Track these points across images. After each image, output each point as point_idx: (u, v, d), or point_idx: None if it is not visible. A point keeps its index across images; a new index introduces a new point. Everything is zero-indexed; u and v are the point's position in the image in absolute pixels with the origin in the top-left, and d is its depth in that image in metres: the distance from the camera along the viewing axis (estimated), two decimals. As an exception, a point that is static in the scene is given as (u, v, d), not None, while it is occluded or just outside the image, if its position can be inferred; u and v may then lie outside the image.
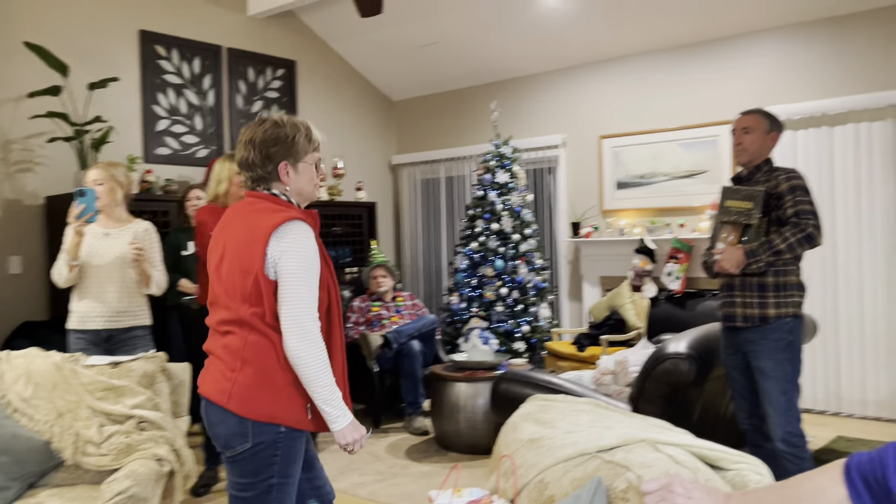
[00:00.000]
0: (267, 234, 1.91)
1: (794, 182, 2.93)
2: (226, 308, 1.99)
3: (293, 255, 1.91)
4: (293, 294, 1.90)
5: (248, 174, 2.03)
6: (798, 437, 2.96)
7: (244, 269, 1.94)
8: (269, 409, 1.91)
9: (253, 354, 1.93)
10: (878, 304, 4.89)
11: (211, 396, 1.96)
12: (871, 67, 4.93)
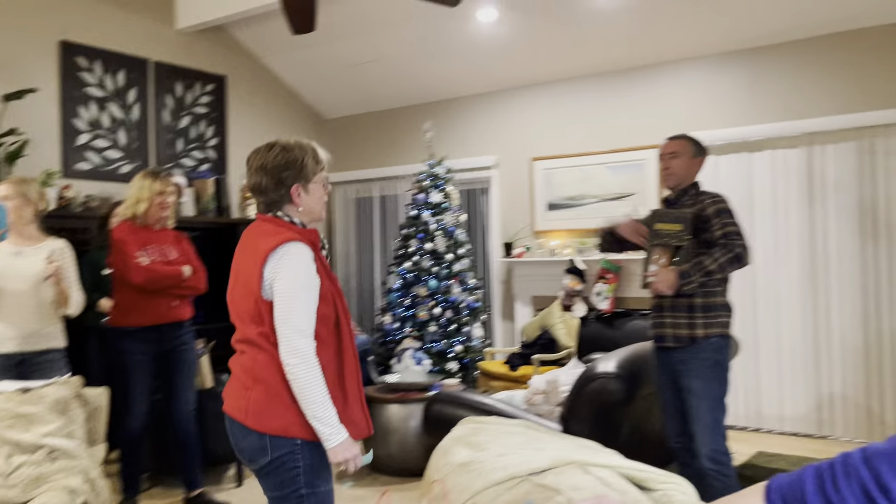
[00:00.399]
0: (264, 256, 1.98)
1: (721, 206, 3.03)
2: (238, 329, 2.10)
3: (285, 275, 1.97)
4: (284, 314, 1.96)
5: (261, 199, 2.10)
6: (724, 454, 3.03)
7: (248, 290, 2.02)
8: (281, 423, 1.98)
9: (262, 372, 2.01)
10: (794, 323, 5.09)
11: (231, 414, 2.05)
12: (787, 97, 5.17)
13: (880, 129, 4.80)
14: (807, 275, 5.05)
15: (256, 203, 2.13)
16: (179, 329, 3.72)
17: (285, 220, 2.08)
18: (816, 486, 0.91)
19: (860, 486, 0.87)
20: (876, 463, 0.87)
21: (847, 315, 4.91)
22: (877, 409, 4.82)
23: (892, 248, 4.75)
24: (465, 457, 1.84)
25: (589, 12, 5.29)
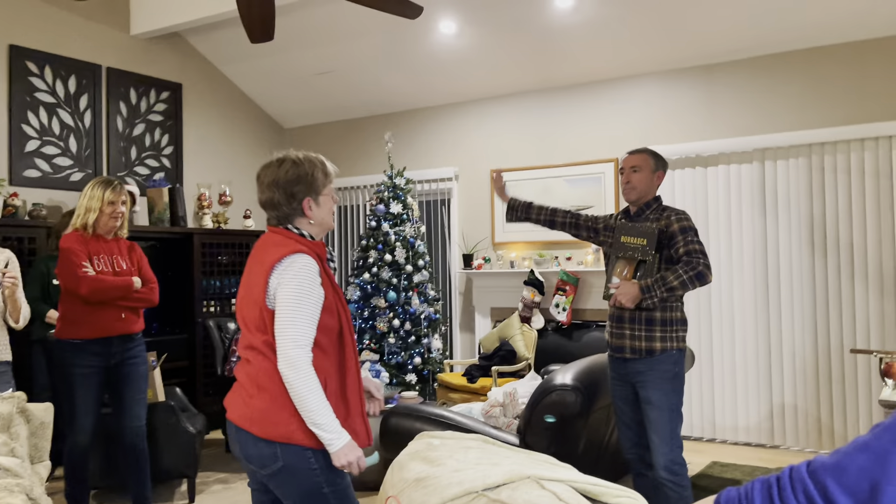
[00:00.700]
0: (269, 267, 2.04)
1: (685, 223, 3.08)
2: (244, 337, 2.14)
3: (288, 286, 2.01)
4: (282, 324, 2.00)
5: (274, 213, 2.15)
6: (680, 465, 3.06)
7: (253, 299, 2.08)
8: (286, 430, 2.00)
9: (266, 380, 2.05)
10: (747, 336, 5.19)
11: (237, 422, 2.07)
12: (740, 114, 5.29)
13: (829, 146, 4.93)
14: (759, 288, 5.16)
15: (268, 217, 2.18)
16: (129, 342, 3.62)
17: (295, 232, 2.14)
18: (764, 499, 0.92)
19: (807, 498, 0.88)
20: (821, 476, 0.88)
21: (797, 327, 5.02)
22: (826, 419, 4.93)
23: (841, 262, 4.88)
24: (421, 472, 1.82)
25: (548, 27, 5.35)
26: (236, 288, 6.29)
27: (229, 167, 6.90)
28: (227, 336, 5.43)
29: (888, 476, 0.82)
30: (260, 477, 2.09)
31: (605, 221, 3.38)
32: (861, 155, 4.84)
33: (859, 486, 0.84)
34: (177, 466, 4.13)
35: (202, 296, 6.00)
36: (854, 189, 4.85)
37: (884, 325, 4.74)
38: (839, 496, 0.86)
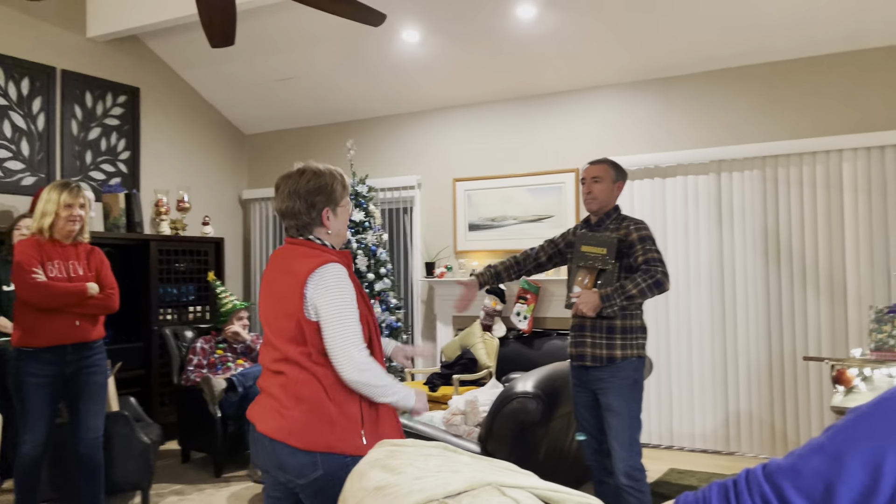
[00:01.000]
0: (304, 278, 2.07)
1: (644, 233, 3.13)
2: (276, 349, 2.15)
3: (330, 296, 2.07)
4: (337, 332, 2.06)
5: (293, 222, 2.20)
6: (639, 471, 3.10)
7: (287, 312, 2.10)
8: (327, 440, 2.05)
9: (303, 391, 2.08)
10: (704, 344, 5.27)
11: (272, 435, 2.08)
12: (697, 126, 5.39)
13: (783, 159, 5.06)
14: (716, 297, 5.25)
15: (286, 227, 2.23)
16: (86, 350, 3.53)
17: (317, 242, 2.19)
18: (721, 502, 0.93)
19: (763, 501, 0.90)
20: (777, 479, 0.89)
21: (752, 336, 5.12)
22: (779, 426, 5.03)
23: (794, 271, 5.00)
24: (381, 480, 1.80)
25: (511, 38, 5.39)
26: (194, 296, 6.19)
27: (188, 173, 6.80)
28: (185, 345, 5.33)
29: (842, 477, 0.84)
30: (293, 486, 2.10)
31: (565, 239, 3.42)
32: (813, 168, 4.97)
33: (814, 488, 0.86)
34: (130, 478, 4.03)
35: (159, 303, 5.88)
36: (806, 201, 4.98)
37: (834, 333, 4.86)
38: (795, 498, 0.87)
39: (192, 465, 5.05)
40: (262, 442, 2.12)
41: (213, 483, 4.64)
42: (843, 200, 4.88)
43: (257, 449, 2.15)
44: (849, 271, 4.84)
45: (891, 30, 4.67)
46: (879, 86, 4.82)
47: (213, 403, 4.73)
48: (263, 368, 2.23)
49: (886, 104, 4.80)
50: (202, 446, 4.93)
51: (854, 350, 3.26)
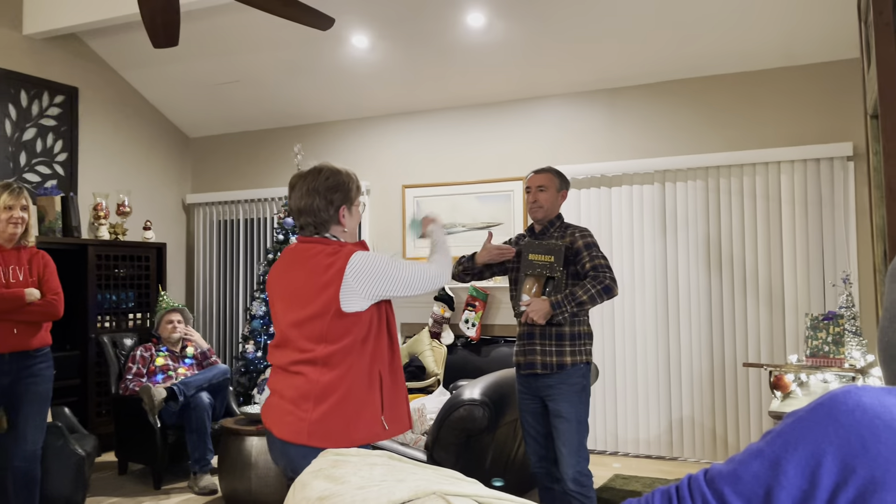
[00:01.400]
0: (339, 275, 2.12)
1: (589, 240, 3.19)
2: (300, 350, 2.15)
3: (374, 272, 2.15)
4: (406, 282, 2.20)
5: (311, 220, 2.24)
6: (587, 476, 3.12)
7: (317, 312, 2.12)
8: (349, 436, 2.10)
9: (327, 392, 2.12)
10: (648, 350, 5.36)
11: (288, 438, 2.12)
12: (641, 137, 5.49)
13: (724, 170, 5.19)
14: (660, 304, 5.35)
15: (302, 225, 2.27)
16: (27, 359, 3.37)
17: (333, 239, 2.24)
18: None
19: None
20: (718, 484, 0.90)
21: (695, 342, 5.23)
22: (720, 431, 5.14)
23: (735, 279, 5.13)
24: (324, 490, 1.76)
25: (460, 46, 5.41)
26: (134, 303, 6.02)
27: (129, 176, 6.61)
28: (123, 353, 5.17)
29: (780, 481, 0.85)
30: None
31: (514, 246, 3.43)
32: (752, 179, 5.11)
33: (754, 493, 0.87)
34: (63, 492, 3.88)
35: (97, 310, 5.70)
36: (746, 211, 5.12)
37: (773, 340, 5.00)
38: (735, 503, 0.88)
39: (130, 478, 4.90)
40: (276, 445, 2.17)
41: (152, 495, 4.51)
42: (781, 211, 5.03)
43: (273, 452, 2.21)
44: (786, 280, 4.99)
45: (823, 47, 4.84)
46: (813, 101, 5.00)
47: (153, 413, 4.59)
48: (275, 368, 2.25)
49: (820, 118, 4.97)
50: (141, 458, 4.78)
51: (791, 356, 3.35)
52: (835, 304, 4.77)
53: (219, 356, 6.82)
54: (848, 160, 4.86)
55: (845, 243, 4.84)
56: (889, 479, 0.79)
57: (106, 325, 5.76)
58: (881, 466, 0.79)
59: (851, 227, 4.83)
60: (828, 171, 4.91)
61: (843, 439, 0.82)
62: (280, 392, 2.18)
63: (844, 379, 3.21)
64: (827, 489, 0.82)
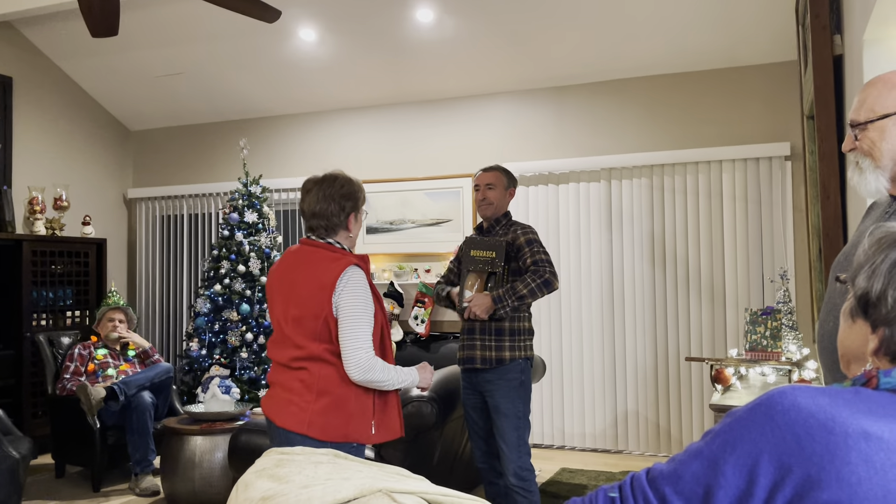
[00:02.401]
0: (333, 280, 2.27)
1: (531, 236, 3.23)
2: (297, 347, 2.31)
3: (350, 298, 2.27)
4: (350, 333, 2.26)
5: (323, 223, 2.38)
6: (528, 471, 3.14)
7: (314, 313, 2.27)
8: (344, 430, 2.28)
9: (326, 386, 2.28)
10: (594, 345, 5.44)
11: (291, 428, 2.28)
12: (588, 135, 5.56)
13: (668, 168, 5.29)
14: (605, 300, 5.43)
15: (313, 227, 2.41)
16: None
17: (337, 246, 2.39)
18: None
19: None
20: (660, 484, 0.91)
21: (639, 337, 5.32)
22: (664, 424, 5.25)
23: (677, 276, 5.24)
24: (268, 490, 1.73)
25: (409, 41, 5.39)
26: (72, 300, 5.82)
27: (67, 170, 6.40)
28: (60, 352, 5.00)
29: (719, 481, 0.86)
30: None
31: (460, 253, 3.46)
32: (696, 177, 5.23)
33: (694, 492, 0.88)
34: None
35: (32, 308, 5.50)
36: (689, 208, 5.23)
37: (714, 335, 5.13)
38: (676, 502, 0.89)
39: (68, 480, 4.75)
40: (277, 433, 2.31)
41: (90, 498, 4.38)
42: (722, 209, 5.15)
43: (272, 440, 2.35)
44: (727, 276, 5.12)
45: (764, 49, 4.98)
46: (754, 101, 5.13)
47: (92, 413, 4.45)
48: (276, 364, 2.40)
49: (760, 119, 5.11)
50: (79, 460, 4.64)
51: (731, 350, 3.44)
52: (773, 299, 4.92)
53: (162, 354, 6.66)
54: (786, 160, 5.01)
55: (783, 240, 4.99)
56: (824, 478, 0.81)
57: (42, 324, 5.57)
58: (816, 465, 0.81)
59: (789, 225, 4.98)
60: (767, 171, 5.05)
61: (778, 439, 0.84)
62: (282, 384, 2.34)
63: (781, 372, 3.31)
64: (764, 488, 0.83)
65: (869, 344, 0.96)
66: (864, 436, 0.81)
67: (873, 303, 0.95)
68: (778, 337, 3.20)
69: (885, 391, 0.89)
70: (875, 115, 1.52)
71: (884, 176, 1.53)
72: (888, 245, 0.96)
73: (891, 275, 0.93)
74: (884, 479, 0.80)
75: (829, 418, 0.83)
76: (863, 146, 1.55)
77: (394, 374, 2.34)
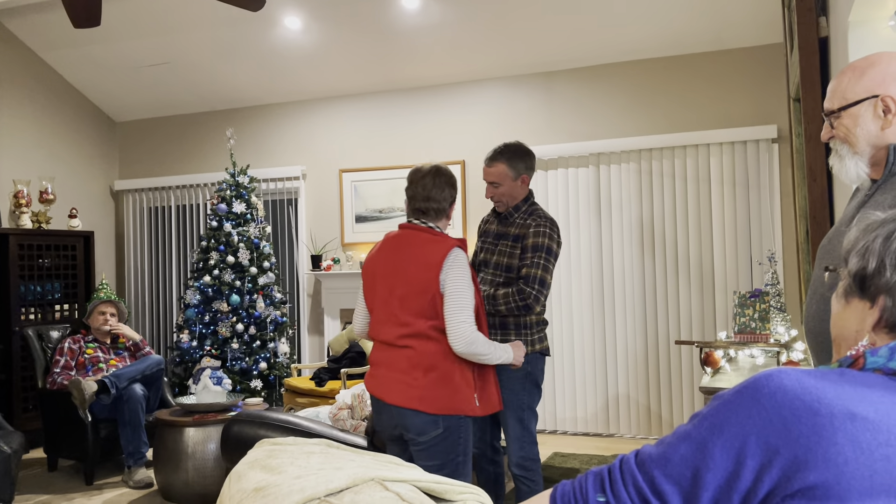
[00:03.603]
0: (440, 259, 2.46)
1: (539, 240, 2.97)
2: (403, 325, 2.49)
3: (455, 275, 2.46)
4: (455, 308, 2.44)
5: (434, 206, 2.59)
6: (532, 461, 3.12)
7: (422, 290, 2.46)
8: (452, 403, 2.46)
9: (432, 361, 2.46)
10: (585, 330, 5.46)
11: (401, 403, 2.46)
12: (576, 120, 5.56)
13: (656, 153, 5.30)
14: (595, 285, 5.45)
15: (423, 210, 2.59)
16: None
17: (436, 230, 2.59)
18: (597, 491, 0.96)
19: (636, 490, 0.92)
20: (648, 467, 0.92)
21: (630, 321, 5.35)
22: (654, 407, 5.29)
23: (667, 260, 5.26)
24: (260, 481, 1.74)
25: (396, 28, 5.35)
26: (60, 294, 5.79)
27: (52, 162, 6.34)
28: (50, 346, 4.98)
29: (707, 464, 0.87)
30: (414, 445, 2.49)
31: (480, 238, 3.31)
32: (683, 161, 5.24)
33: (682, 475, 0.89)
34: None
35: (20, 302, 5.47)
36: (678, 192, 5.25)
37: (703, 318, 5.16)
38: (664, 485, 0.90)
39: (61, 474, 4.74)
40: (388, 410, 2.50)
41: (83, 491, 4.37)
42: (710, 192, 5.17)
43: (381, 416, 2.54)
44: (716, 259, 5.14)
45: (750, 32, 4.98)
46: (741, 84, 5.14)
47: (83, 407, 4.44)
48: (379, 344, 2.57)
49: (748, 102, 5.12)
50: (71, 453, 4.63)
51: (720, 333, 3.46)
52: (761, 281, 4.95)
53: (152, 347, 6.64)
54: (773, 142, 5.03)
55: (770, 223, 5.02)
56: (811, 459, 0.81)
57: (31, 318, 5.54)
58: (803, 446, 0.82)
59: (776, 207, 5.01)
60: (754, 153, 5.07)
61: (765, 421, 0.84)
62: (388, 364, 2.52)
63: (770, 354, 3.33)
64: (752, 470, 0.84)
65: (867, 320, 0.96)
66: (850, 416, 0.82)
67: (871, 275, 0.95)
68: (766, 319, 3.22)
69: (870, 371, 0.89)
70: (847, 101, 1.54)
71: (863, 161, 1.55)
72: (877, 226, 0.97)
73: (885, 248, 0.94)
74: (870, 459, 0.81)
75: (815, 399, 0.84)
76: (839, 133, 1.56)
77: (493, 349, 2.51)
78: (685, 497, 0.89)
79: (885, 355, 0.90)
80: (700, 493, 0.87)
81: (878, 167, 1.55)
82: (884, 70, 1.51)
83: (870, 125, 1.52)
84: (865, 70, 1.53)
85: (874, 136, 1.52)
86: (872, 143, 1.52)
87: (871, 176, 1.57)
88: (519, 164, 3.10)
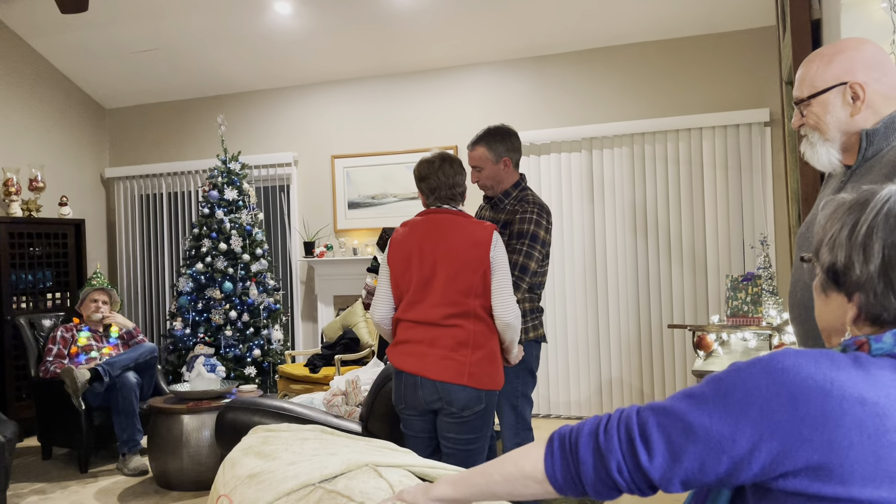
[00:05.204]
0: (488, 238, 2.60)
1: (527, 227, 2.94)
2: (451, 304, 2.58)
3: (502, 256, 2.63)
4: (506, 283, 2.61)
5: (459, 190, 2.73)
6: None
7: (472, 269, 2.57)
8: (495, 378, 2.64)
9: (479, 340, 2.59)
10: (578, 314, 5.48)
11: (449, 379, 2.56)
12: (569, 105, 5.54)
13: (648, 137, 5.29)
14: (588, 269, 5.45)
15: (449, 196, 2.70)
16: None
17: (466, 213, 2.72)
18: (591, 429, 0.98)
19: (626, 431, 0.93)
20: (646, 413, 0.93)
21: (622, 305, 5.37)
22: (647, 390, 5.32)
23: (659, 244, 5.27)
24: (255, 467, 1.74)
25: (385, 13, 5.31)
26: (52, 282, 5.76)
27: (42, 150, 6.29)
28: (42, 334, 4.97)
29: (702, 420, 0.87)
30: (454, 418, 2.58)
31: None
32: (676, 145, 5.24)
33: (674, 427, 0.89)
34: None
35: (11, 291, 5.44)
36: (670, 176, 5.25)
37: (696, 302, 5.18)
38: (654, 433, 0.90)
39: (55, 462, 4.74)
40: (429, 385, 2.57)
41: (78, 479, 4.38)
42: (703, 176, 5.17)
43: (416, 392, 2.60)
44: (708, 243, 5.16)
45: (741, 16, 4.97)
46: (733, 68, 5.13)
47: (77, 396, 4.44)
48: (412, 324, 2.63)
49: (741, 85, 5.12)
50: (65, 441, 4.63)
51: (713, 317, 3.47)
52: (753, 265, 4.97)
53: (145, 334, 6.63)
54: (765, 126, 5.03)
55: (763, 206, 5.03)
56: (815, 438, 0.82)
57: (22, 307, 5.51)
58: (808, 426, 0.82)
59: (768, 191, 5.02)
60: (746, 137, 5.07)
61: (772, 394, 0.85)
62: (429, 342, 2.59)
63: (762, 337, 3.35)
64: (749, 438, 0.85)
65: (847, 314, 0.96)
66: (861, 401, 0.82)
67: (842, 271, 0.95)
68: (758, 302, 3.23)
69: (880, 356, 0.89)
70: (816, 89, 1.54)
71: (834, 147, 1.56)
72: (842, 214, 0.96)
73: (851, 242, 0.93)
74: (876, 445, 0.81)
75: (829, 380, 0.84)
76: (809, 121, 1.57)
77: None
78: (671, 449, 0.89)
79: (889, 341, 0.90)
80: (687, 446, 0.88)
81: (850, 153, 1.56)
82: (851, 57, 1.51)
83: (839, 112, 1.52)
84: (833, 57, 1.53)
85: (844, 122, 1.52)
86: (843, 130, 1.53)
87: (843, 162, 1.58)
88: (498, 147, 3.04)
